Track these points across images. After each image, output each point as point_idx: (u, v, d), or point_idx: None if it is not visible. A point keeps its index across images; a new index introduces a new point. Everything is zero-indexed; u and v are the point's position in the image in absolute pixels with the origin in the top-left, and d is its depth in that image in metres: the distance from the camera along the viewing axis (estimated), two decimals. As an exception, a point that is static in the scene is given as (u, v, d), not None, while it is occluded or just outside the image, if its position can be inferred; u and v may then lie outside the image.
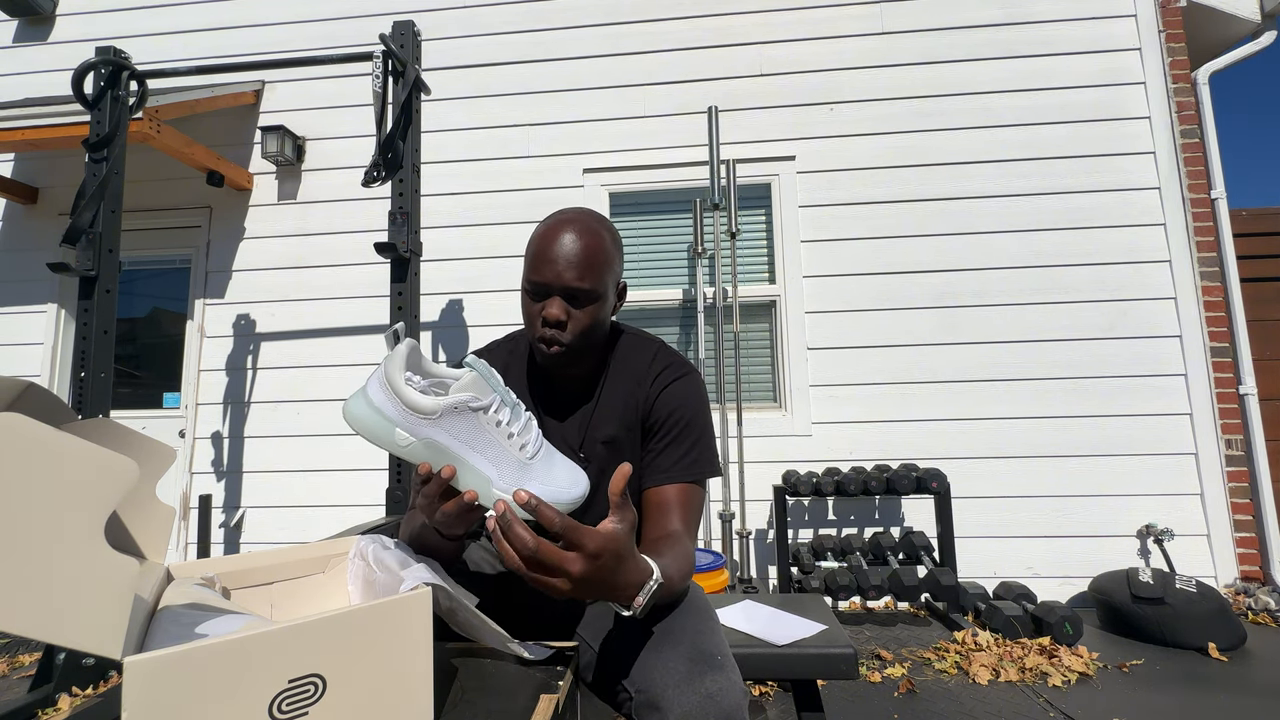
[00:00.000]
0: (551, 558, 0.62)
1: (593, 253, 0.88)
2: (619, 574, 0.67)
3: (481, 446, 0.70)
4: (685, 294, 3.23)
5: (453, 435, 0.69)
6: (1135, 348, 2.92)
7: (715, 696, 0.71)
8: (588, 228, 0.90)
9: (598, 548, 0.64)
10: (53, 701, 1.92)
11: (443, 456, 0.69)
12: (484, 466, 0.70)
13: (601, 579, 0.65)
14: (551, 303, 0.88)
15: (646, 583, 0.70)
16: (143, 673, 0.41)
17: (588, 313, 0.90)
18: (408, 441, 0.68)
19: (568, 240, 0.88)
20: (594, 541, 0.64)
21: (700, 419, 0.97)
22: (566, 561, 0.63)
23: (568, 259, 0.87)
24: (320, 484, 3.22)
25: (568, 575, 0.63)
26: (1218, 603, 2.33)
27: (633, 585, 0.69)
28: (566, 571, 0.63)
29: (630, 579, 0.69)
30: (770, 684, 1.98)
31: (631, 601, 0.70)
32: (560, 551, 0.63)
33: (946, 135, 3.13)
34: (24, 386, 0.58)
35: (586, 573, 0.63)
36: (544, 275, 0.88)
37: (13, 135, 2.91)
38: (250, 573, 0.72)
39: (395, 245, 2.24)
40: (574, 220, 0.90)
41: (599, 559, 0.64)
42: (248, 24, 3.61)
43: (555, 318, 0.88)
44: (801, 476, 2.82)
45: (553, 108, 3.36)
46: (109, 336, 2.30)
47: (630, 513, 0.68)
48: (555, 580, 0.64)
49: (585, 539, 0.63)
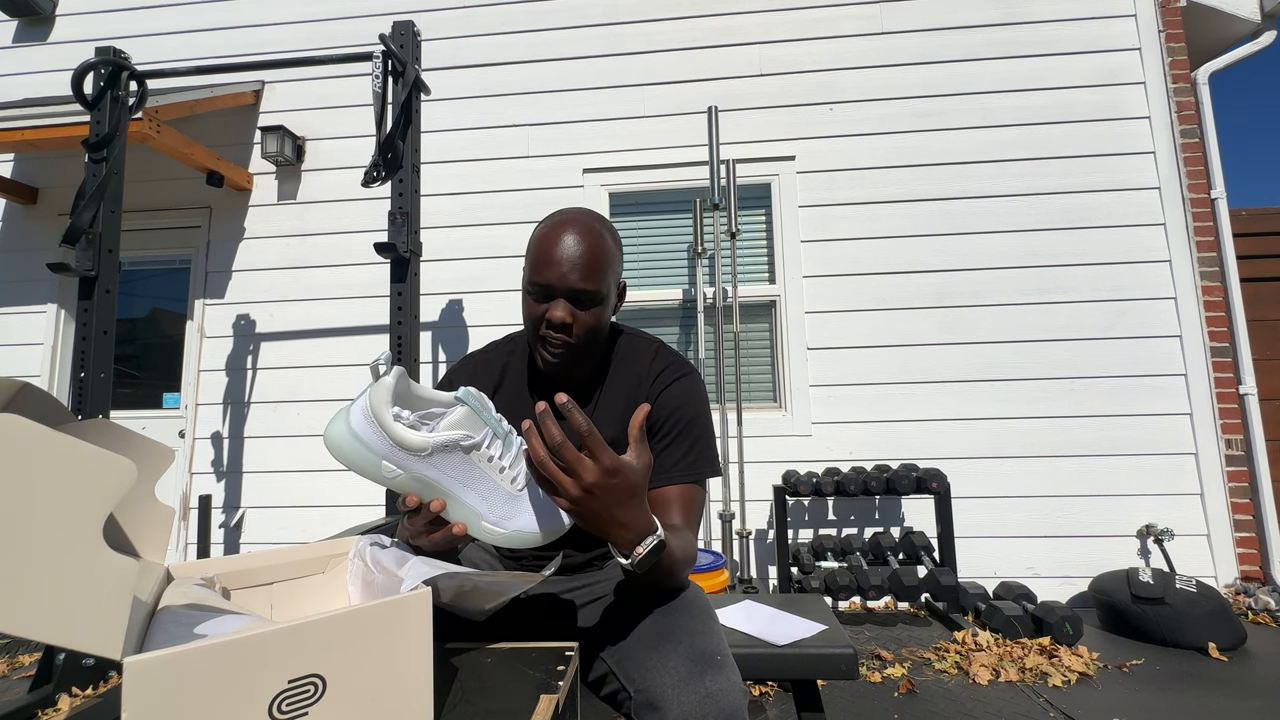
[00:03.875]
0: (571, 458, 0.66)
1: (596, 254, 0.88)
2: (624, 507, 0.70)
3: (472, 482, 0.70)
4: (685, 294, 3.23)
5: (442, 471, 0.68)
6: (1135, 348, 2.92)
7: (715, 696, 0.71)
8: (590, 229, 0.89)
9: (613, 464, 0.67)
10: (53, 702, 1.92)
11: (431, 490, 0.68)
12: (474, 501, 0.70)
13: (607, 501, 0.68)
14: (556, 305, 0.88)
15: (649, 535, 0.72)
16: (143, 673, 0.41)
17: (592, 314, 0.90)
18: (394, 474, 0.67)
19: (571, 241, 0.87)
20: (611, 459, 0.67)
21: (700, 419, 0.97)
22: (582, 465, 0.67)
23: (572, 261, 0.87)
24: (320, 484, 3.22)
25: (579, 479, 0.67)
26: (1218, 603, 2.33)
27: (634, 529, 0.71)
28: (579, 475, 0.66)
29: (633, 520, 0.71)
30: (770, 684, 1.98)
31: (632, 549, 0.71)
32: (579, 454, 0.67)
33: (946, 135, 3.14)
34: (19, 387, 0.58)
35: (596, 484, 0.67)
36: (547, 277, 0.88)
37: (13, 135, 2.91)
38: (250, 573, 0.72)
39: (395, 245, 2.24)
40: (575, 221, 0.90)
41: (611, 477, 0.67)
42: (248, 24, 3.61)
43: (561, 320, 0.87)
44: (801, 476, 2.82)
45: (553, 108, 3.36)
46: (109, 337, 2.30)
47: (647, 454, 0.72)
48: (566, 481, 0.67)
49: (604, 453, 0.67)
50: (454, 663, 0.73)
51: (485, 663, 0.74)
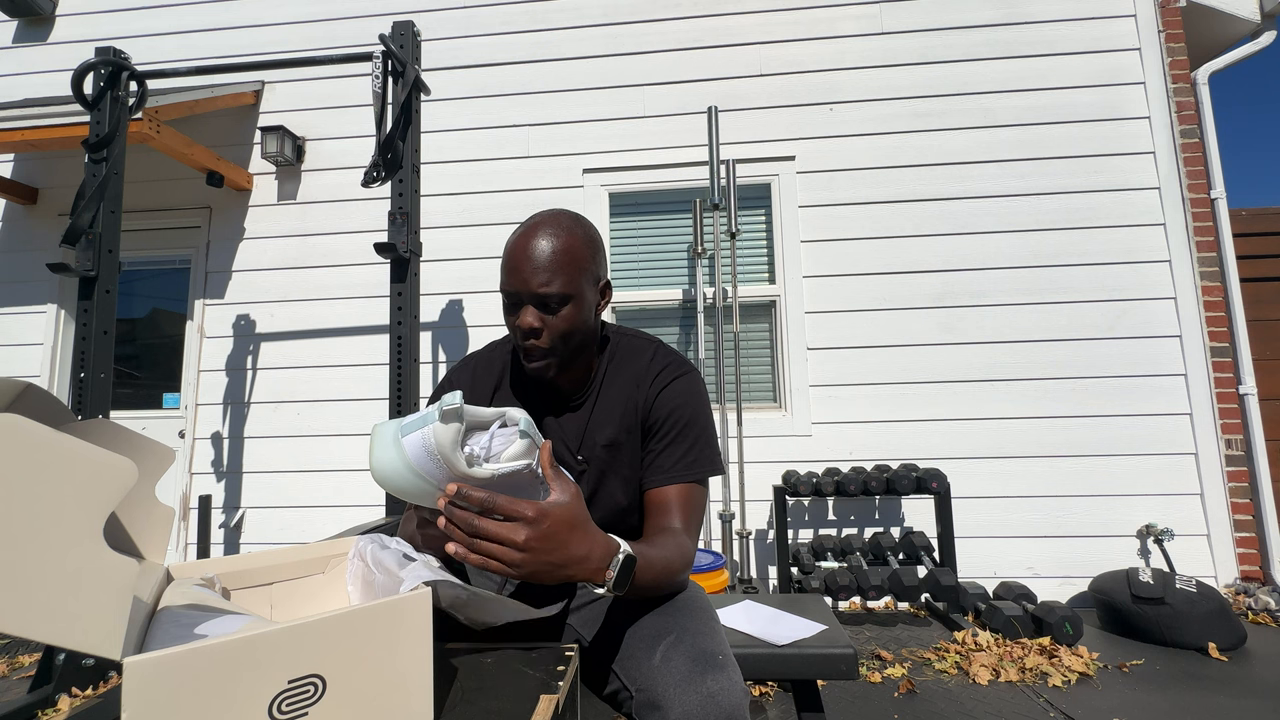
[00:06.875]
0: (494, 531, 0.63)
1: (558, 254, 0.86)
2: (571, 544, 0.67)
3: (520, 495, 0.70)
4: (685, 294, 3.23)
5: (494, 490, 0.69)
6: (1135, 348, 2.92)
7: (716, 696, 0.71)
8: (555, 229, 0.88)
9: (538, 513, 0.64)
10: (52, 702, 1.92)
11: None
12: None
13: (553, 547, 0.65)
14: (525, 311, 0.87)
15: (611, 555, 0.70)
16: (143, 673, 0.41)
17: (563, 317, 0.88)
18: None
19: (533, 245, 0.86)
20: (532, 508, 0.64)
21: (701, 418, 0.96)
22: (509, 529, 0.63)
23: (533, 264, 0.86)
24: (320, 484, 3.22)
25: (516, 545, 0.63)
26: (1218, 603, 2.32)
27: (593, 557, 0.68)
28: (512, 540, 0.63)
29: (588, 550, 0.68)
30: (770, 684, 1.98)
31: (602, 576, 0.69)
32: (500, 522, 0.64)
33: (946, 135, 3.14)
34: (22, 387, 0.58)
35: (533, 540, 0.63)
36: (513, 284, 0.87)
37: (13, 135, 2.91)
38: (250, 573, 0.72)
39: (395, 245, 2.24)
40: (541, 223, 0.89)
41: (542, 524, 0.64)
42: (248, 24, 3.61)
43: (529, 325, 0.86)
44: (801, 476, 2.82)
45: (553, 108, 3.36)
46: (109, 337, 2.30)
47: (569, 484, 0.69)
48: (509, 553, 0.63)
49: (523, 507, 0.64)
50: (454, 663, 0.73)
51: (485, 663, 0.74)
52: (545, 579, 0.66)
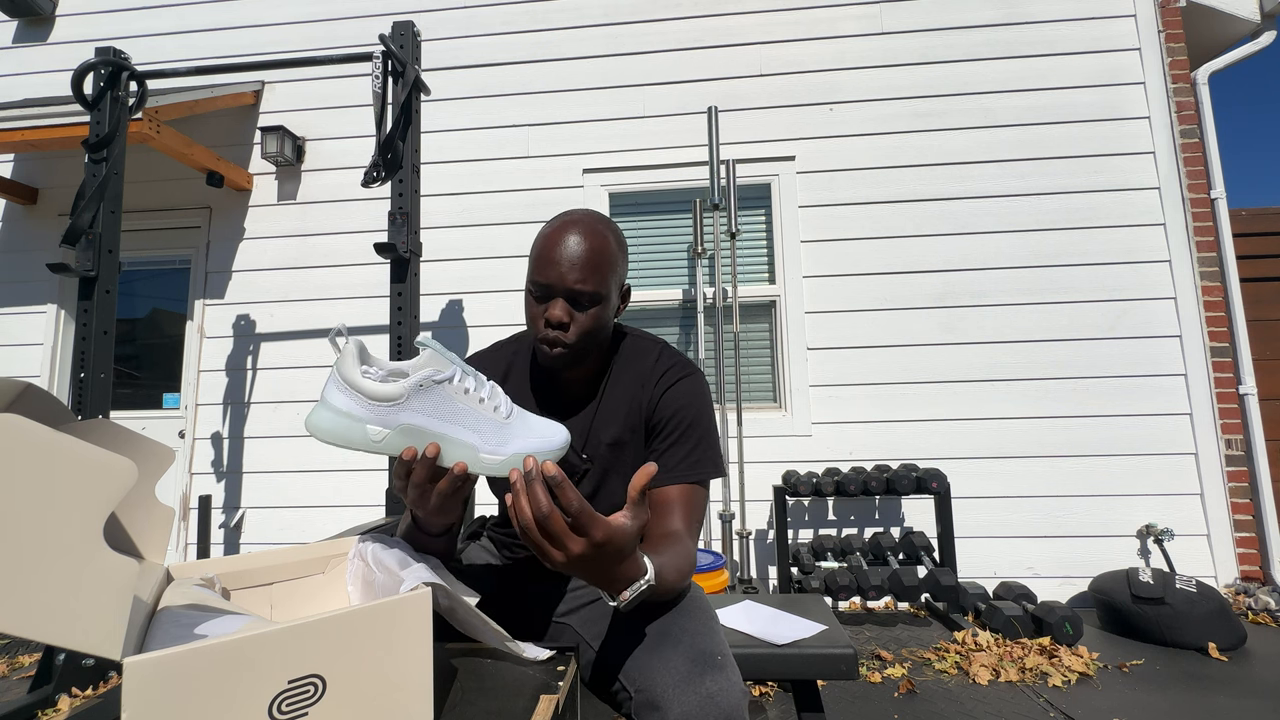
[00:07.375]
0: (558, 530, 0.63)
1: (597, 255, 0.88)
2: (615, 568, 0.68)
3: (457, 417, 0.69)
4: (685, 294, 3.23)
5: (426, 414, 0.68)
6: (1135, 348, 2.92)
7: (715, 697, 0.71)
8: (592, 229, 0.90)
9: (604, 538, 0.64)
10: (52, 702, 1.92)
11: (422, 438, 0.68)
12: (465, 435, 0.69)
13: (597, 567, 0.66)
14: (555, 304, 0.89)
15: (637, 581, 0.70)
16: (143, 673, 0.41)
17: (590, 315, 0.90)
18: (381, 435, 0.67)
19: (572, 242, 0.88)
20: (602, 531, 0.64)
21: (704, 419, 0.97)
22: (570, 540, 0.63)
23: (571, 261, 0.87)
24: (320, 484, 3.22)
25: (566, 551, 0.64)
26: (1218, 603, 2.32)
27: (624, 581, 0.69)
28: (567, 548, 0.63)
29: (624, 574, 0.69)
30: (770, 684, 1.98)
31: (618, 594, 0.70)
32: (568, 529, 0.63)
33: (946, 135, 3.14)
34: (22, 387, 0.58)
35: (585, 556, 0.64)
36: (548, 277, 0.88)
37: (13, 136, 2.91)
38: (250, 573, 0.72)
39: (395, 245, 2.24)
40: (579, 222, 0.90)
41: (602, 548, 0.64)
42: (248, 24, 3.61)
43: (558, 319, 0.88)
44: (801, 477, 2.82)
45: (553, 108, 3.36)
46: (109, 337, 2.30)
47: (644, 513, 0.69)
48: (553, 551, 0.64)
49: (595, 527, 0.64)
50: (454, 663, 0.73)
51: (485, 663, 0.74)
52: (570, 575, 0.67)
